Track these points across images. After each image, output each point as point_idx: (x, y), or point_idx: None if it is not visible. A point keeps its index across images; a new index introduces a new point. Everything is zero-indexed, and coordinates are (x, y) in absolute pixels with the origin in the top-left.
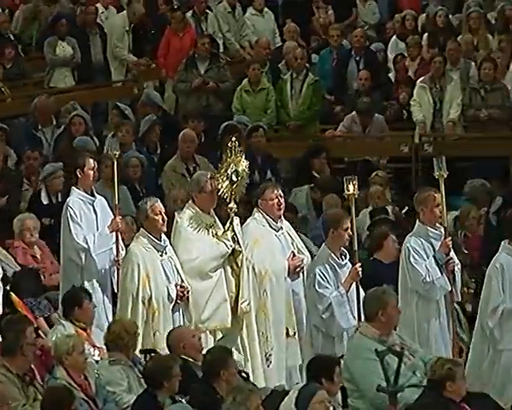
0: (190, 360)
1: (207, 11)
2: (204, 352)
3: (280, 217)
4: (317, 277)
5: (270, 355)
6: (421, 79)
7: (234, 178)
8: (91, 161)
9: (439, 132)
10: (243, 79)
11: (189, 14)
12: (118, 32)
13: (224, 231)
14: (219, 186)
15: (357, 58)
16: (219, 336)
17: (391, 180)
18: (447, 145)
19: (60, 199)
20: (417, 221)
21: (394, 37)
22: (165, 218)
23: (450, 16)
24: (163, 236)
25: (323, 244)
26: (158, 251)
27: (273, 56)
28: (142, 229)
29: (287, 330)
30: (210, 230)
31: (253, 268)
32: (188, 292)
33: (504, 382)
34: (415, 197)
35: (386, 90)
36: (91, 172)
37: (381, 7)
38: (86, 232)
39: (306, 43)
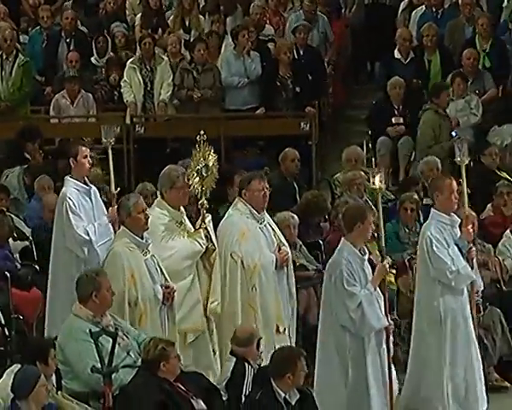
0: None
1: None
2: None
3: (263, 209)
4: (344, 274)
5: (261, 352)
6: (131, 60)
7: (203, 174)
8: (84, 149)
9: (150, 113)
10: None
11: None
12: None
13: (197, 229)
14: (190, 182)
15: (68, 40)
16: (190, 338)
17: (102, 160)
18: (159, 126)
19: None
20: (432, 208)
21: None
22: (148, 216)
23: None
24: (145, 234)
25: (343, 239)
26: (141, 250)
27: None
28: (122, 227)
29: (277, 326)
30: (181, 227)
31: (242, 262)
32: (174, 292)
33: None
34: (429, 183)
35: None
36: (85, 161)
37: None
38: (86, 223)
39: (16, 24)
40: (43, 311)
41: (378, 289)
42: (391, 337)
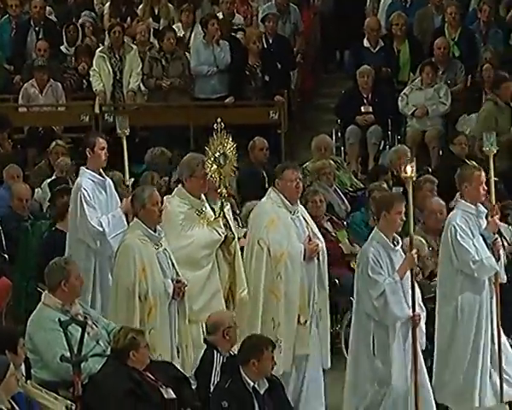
0: None
1: None
2: None
3: (296, 200)
4: (370, 261)
5: (280, 342)
6: (100, 49)
7: (221, 162)
8: (101, 140)
9: (119, 102)
10: None
11: None
12: None
13: (216, 218)
14: (207, 170)
15: (37, 28)
16: None
17: (72, 150)
18: (128, 114)
19: None
20: (459, 198)
21: None
22: (162, 208)
23: None
24: (158, 226)
25: (375, 227)
26: (153, 243)
27: None
28: (136, 219)
29: (298, 316)
30: (201, 216)
31: (269, 250)
32: (185, 287)
33: None
34: (457, 174)
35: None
36: (102, 152)
37: None
38: (100, 215)
39: None
40: (13, 300)
41: (409, 279)
42: (421, 328)
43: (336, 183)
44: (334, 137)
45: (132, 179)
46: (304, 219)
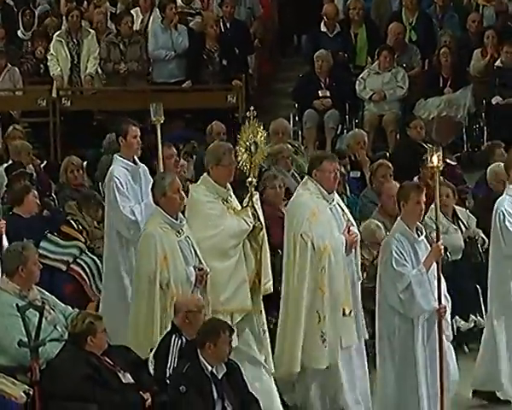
0: None
1: None
2: None
3: (333, 190)
4: (394, 254)
5: (325, 334)
6: (57, 33)
7: (252, 150)
8: (134, 128)
9: (76, 86)
10: None
11: None
12: None
13: (244, 207)
14: (238, 159)
15: None
16: (236, 318)
17: (29, 134)
18: (85, 99)
19: None
20: (507, 184)
21: None
22: (184, 196)
23: None
24: (179, 214)
25: (399, 218)
26: (175, 231)
27: None
28: (156, 207)
29: (343, 309)
30: (227, 205)
31: (312, 244)
32: (207, 275)
33: None
34: (507, 158)
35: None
36: (135, 140)
37: None
38: (133, 203)
39: None
40: None
41: (435, 271)
42: (446, 319)
43: (294, 167)
44: (291, 122)
45: (85, 162)
46: (340, 207)
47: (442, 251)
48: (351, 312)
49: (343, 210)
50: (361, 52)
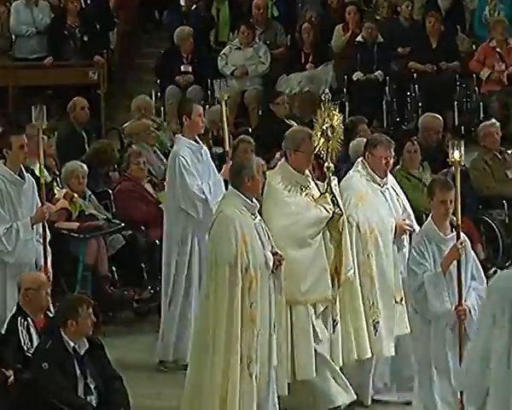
0: None
1: None
2: None
3: (386, 175)
4: (413, 251)
5: (377, 323)
6: None
7: (329, 134)
8: (199, 107)
9: None
10: None
11: None
12: None
13: (322, 194)
14: (315, 144)
15: None
16: (320, 309)
17: None
18: None
19: None
20: None
21: None
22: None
23: None
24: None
25: (430, 216)
26: (250, 213)
27: None
28: (232, 189)
29: (394, 296)
30: (306, 192)
31: (358, 227)
32: (283, 260)
33: None
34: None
35: None
36: (200, 119)
37: None
38: (200, 182)
39: None
40: None
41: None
42: (469, 321)
43: (156, 144)
44: (153, 98)
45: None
46: (394, 190)
47: (461, 251)
48: (402, 299)
49: (397, 194)
50: (223, 28)
